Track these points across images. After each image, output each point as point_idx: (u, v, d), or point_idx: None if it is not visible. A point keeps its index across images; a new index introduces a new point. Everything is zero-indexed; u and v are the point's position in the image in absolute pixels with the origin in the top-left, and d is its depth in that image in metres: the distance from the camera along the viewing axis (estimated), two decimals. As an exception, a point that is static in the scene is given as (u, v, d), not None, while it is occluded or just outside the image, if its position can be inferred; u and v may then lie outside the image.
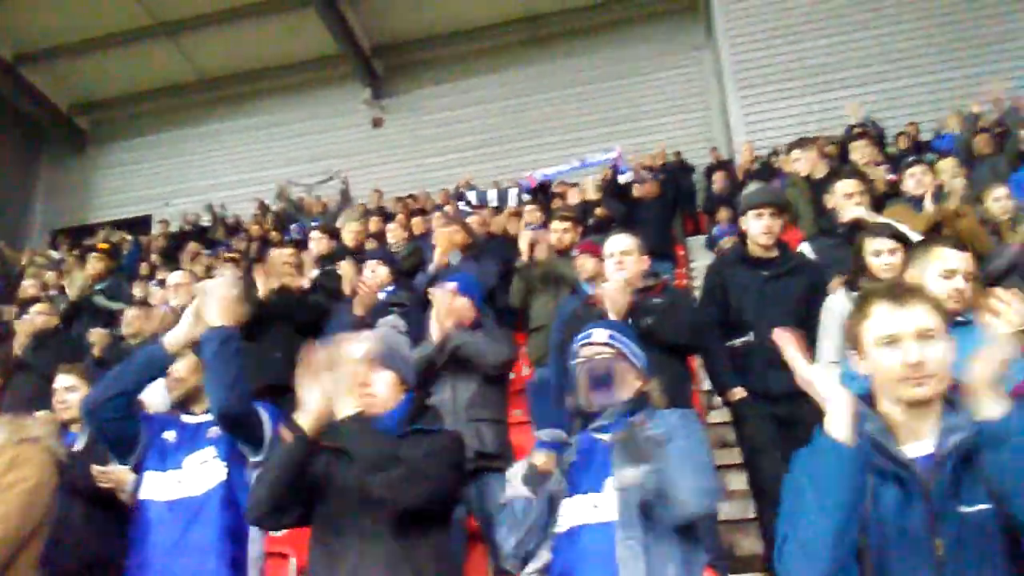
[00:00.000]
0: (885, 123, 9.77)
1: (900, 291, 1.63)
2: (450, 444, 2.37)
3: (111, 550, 3.06)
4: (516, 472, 2.17)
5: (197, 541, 2.43)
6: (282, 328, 5.11)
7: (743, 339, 3.62)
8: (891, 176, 5.97)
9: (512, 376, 4.88)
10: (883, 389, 1.61)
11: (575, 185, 8.64)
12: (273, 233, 10.09)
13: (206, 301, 2.59)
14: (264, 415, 2.63)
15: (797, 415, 3.29)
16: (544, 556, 2.13)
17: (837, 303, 3.31)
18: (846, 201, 4.18)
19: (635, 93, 12.94)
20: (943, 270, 2.59)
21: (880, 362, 1.60)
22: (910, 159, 6.12)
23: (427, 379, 3.43)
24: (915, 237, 3.46)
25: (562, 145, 12.21)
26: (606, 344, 2.29)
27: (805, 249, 4.28)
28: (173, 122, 14.78)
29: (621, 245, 3.62)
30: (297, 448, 2.23)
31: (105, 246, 8.71)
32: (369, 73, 13.92)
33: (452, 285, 3.82)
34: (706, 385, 4.28)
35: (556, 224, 5.25)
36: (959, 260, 2.61)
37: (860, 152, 5.95)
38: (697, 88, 12.87)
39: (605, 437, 2.12)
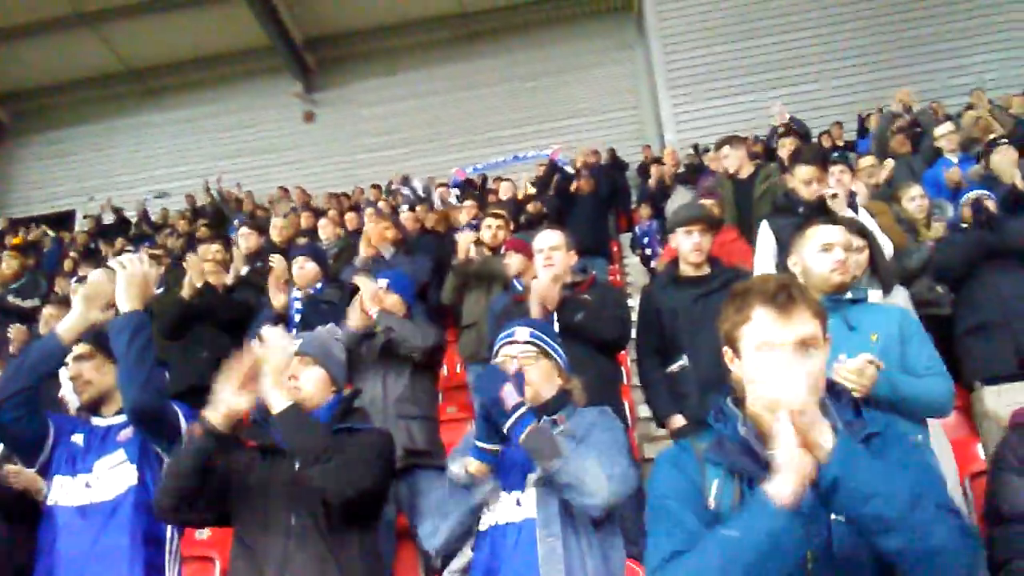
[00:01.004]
0: (810, 123, 10.02)
1: (783, 298, 1.52)
2: (379, 440, 2.36)
3: (22, 558, 2.97)
4: (451, 475, 2.14)
5: (109, 547, 2.35)
6: (208, 327, 5.01)
7: (679, 364, 3.47)
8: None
9: (444, 373, 4.89)
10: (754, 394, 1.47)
11: (507, 181, 8.63)
12: (202, 229, 9.83)
13: (117, 283, 2.46)
14: (179, 412, 2.55)
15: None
16: (466, 554, 2.12)
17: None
18: (805, 187, 4.22)
19: (569, 90, 13.02)
20: (821, 245, 2.64)
21: (756, 368, 1.49)
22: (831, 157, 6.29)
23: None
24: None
25: (497, 141, 12.24)
26: (528, 343, 2.29)
27: (763, 228, 4.22)
28: (98, 114, 14.31)
29: (550, 241, 3.62)
30: (203, 440, 2.17)
31: (18, 240, 8.39)
32: (301, 66, 13.70)
33: (383, 282, 3.78)
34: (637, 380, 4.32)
35: (489, 221, 5.24)
36: (835, 233, 2.67)
37: (787, 150, 6.07)
38: (630, 86, 13.01)
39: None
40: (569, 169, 8.58)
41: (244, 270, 6.15)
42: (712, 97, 11.47)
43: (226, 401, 2.18)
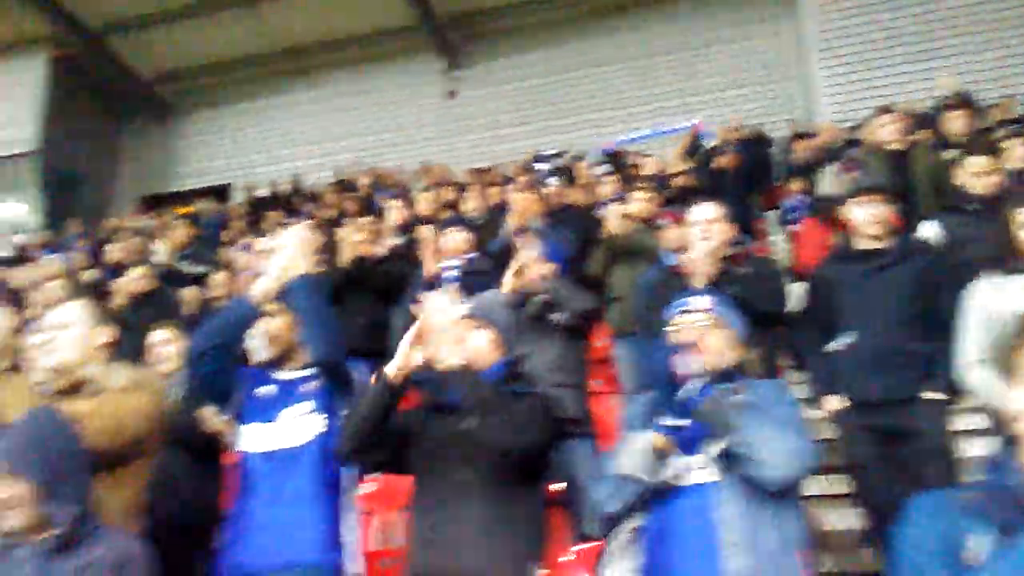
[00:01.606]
0: (978, 96, 9.38)
1: None
2: (545, 402, 2.43)
3: (209, 498, 3.23)
4: (636, 450, 2.16)
5: (295, 491, 2.52)
6: (363, 295, 5.26)
7: (845, 341, 3.36)
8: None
9: (593, 345, 4.90)
10: None
11: (651, 156, 8.53)
12: (349, 204, 10.21)
13: (289, 251, 2.66)
14: (357, 368, 2.72)
15: (901, 426, 3.21)
16: (637, 519, 2.15)
17: (980, 292, 3.03)
18: (975, 180, 3.99)
19: (708, 63, 12.65)
20: None
21: None
22: (1003, 131, 5.89)
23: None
24: None
25: (636, 117, 12.07)
26: (704, 312, 2.28)
27: (929, 229, 3.97)
28: (252, 93, 15.06)
29: (707, 213, 3.59)
30: (381, 390, 2.34)
31: (188, 209, 9.01)
32: (444, 44, 13.94)
33: (537, 250, 3.85)
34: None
35: (638, 194, 5.23)
36: None
37: (956, 123, 5.71)
38: (773, 57, 12.52)
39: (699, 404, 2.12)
40: (712, 143, 8.41)
41: (394, 241, 6.39)
42: (867, 67, 10.88)
43: (404, 356, 2.33)
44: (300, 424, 2.61)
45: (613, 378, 5.12)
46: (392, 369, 2.36)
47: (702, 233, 3.52)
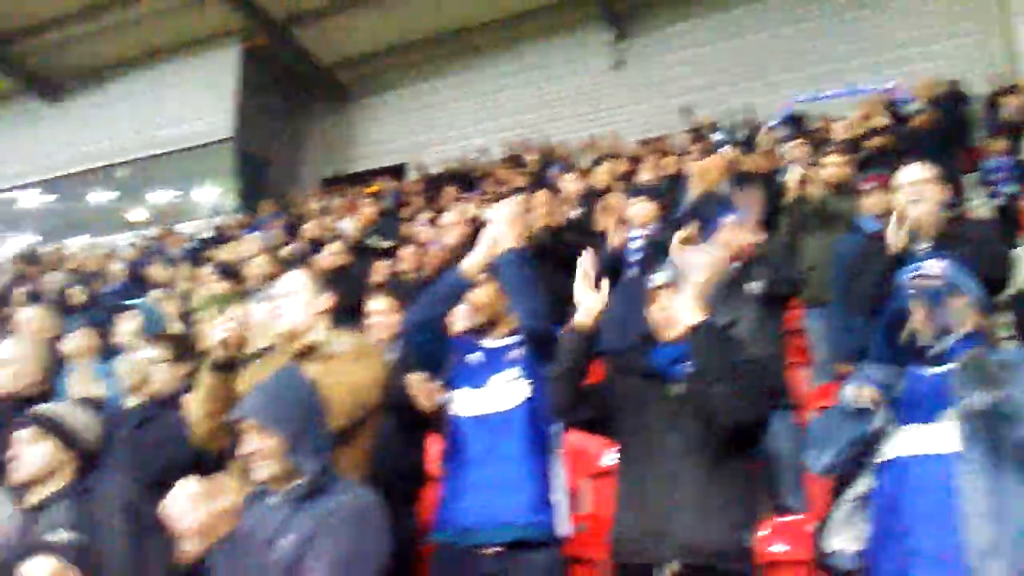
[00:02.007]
0: None
1: None
2: (767, 370, 2.39)
3: (415, 461, 3.40)
4: (845, 401, 2.11)
5: (505, 452, 2.60)
6: (543, 266, 5.33)
7: None
8: None
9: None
10: None
11: (839, 119, 8.11)
12: (521, 178, 10.36)
13: (498, 226, 2.74)
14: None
15: None
16: (864, 484, 2.08)
17: None
18: None
19: (900, 18, 11.83)
20: None
21: None
22: None
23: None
24: None
25: (820, 78, 11.47)
26: (939, 276, 2.17)
27: None
28: (424, 74, 15.51)
29: (917, 175, 3.38)
30: (575, 338, 2.44)
31: (376, 188, 9.46)
32: (611, 15, 13.79)
33: (732, 217, 3.78)
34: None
35: (831, 159, 4.99)
36: None
37: None
38: (972, 10, 11.55)
39: (939, 369, 2.01)
40: (908, 103, 7.91)
41: (572, 214, 6.44)
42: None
43: (587, 303, 2.44)
44: (508, 389, 2.69)
45: (803, 349, 4.96)
46: (579, 318, 2.45)
47: (913, 196, 3.32)
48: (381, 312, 3.56)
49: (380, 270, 6.24)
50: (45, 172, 16.69)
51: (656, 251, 4.42)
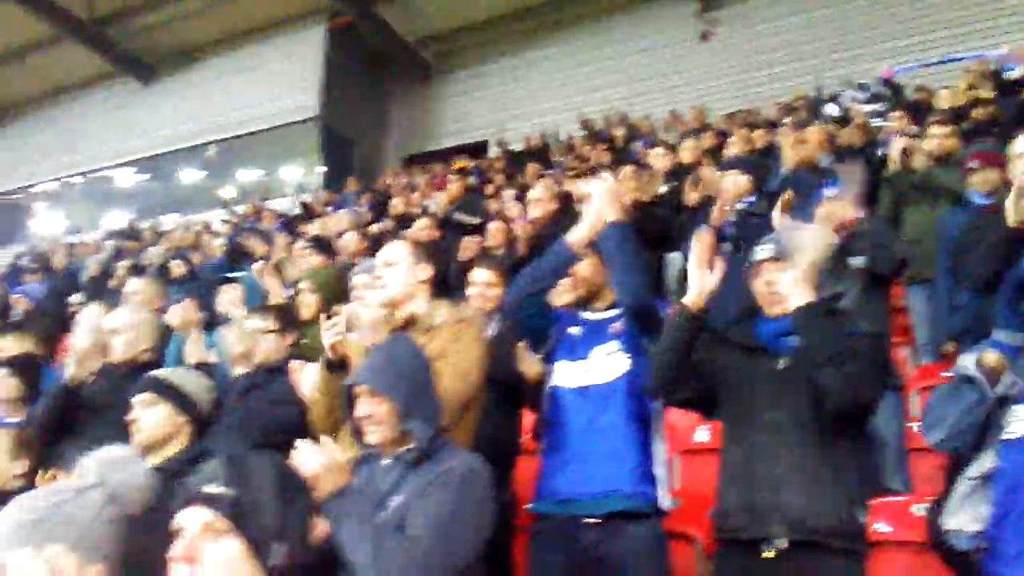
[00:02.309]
0: None
1: None
2: (879, 346, 2.33)
3: (513, 431, 3.43)
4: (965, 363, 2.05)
5: (606, 424, 2.61)
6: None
7: None
8: None
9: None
10: None
11: (941, 89, 7.78)
12: (604, 153, 10.28)
13: (600, 200, 2.73)
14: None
15: None
16: (986, 462, 2.01)
17: None
18: None
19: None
20: None
21: None
22: None
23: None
24: None
25: (917, 47, 11.02)
26: None
27: None
28: (505, 50, 15.50)
29: (1036, 144, 3.23)
30: (682, 321, 2.39)
31: (462, 164, 9.54)
32: (698, -15, 13.54)
33: (832, 191, 3.68)
34: None
35: (935, 130, 4.80)
36: None
37: None
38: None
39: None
40: (1012, 70, 7.52)
41: (661, 189, 6.36)
42: None
43: (700, 282, 2.41)
44: (609, 362, 2.69)
45: (903, 328, 4.81)
46: (691, 298, 2.41)
47: (1030, 167, 3.18)
48: (484, 283, 3.58)
49: (468, 246, 6.27)
50: (139, 151, 17.30)
51: (751, 225, 4.34)
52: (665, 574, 2.54)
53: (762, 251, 2.60)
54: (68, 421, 3.28)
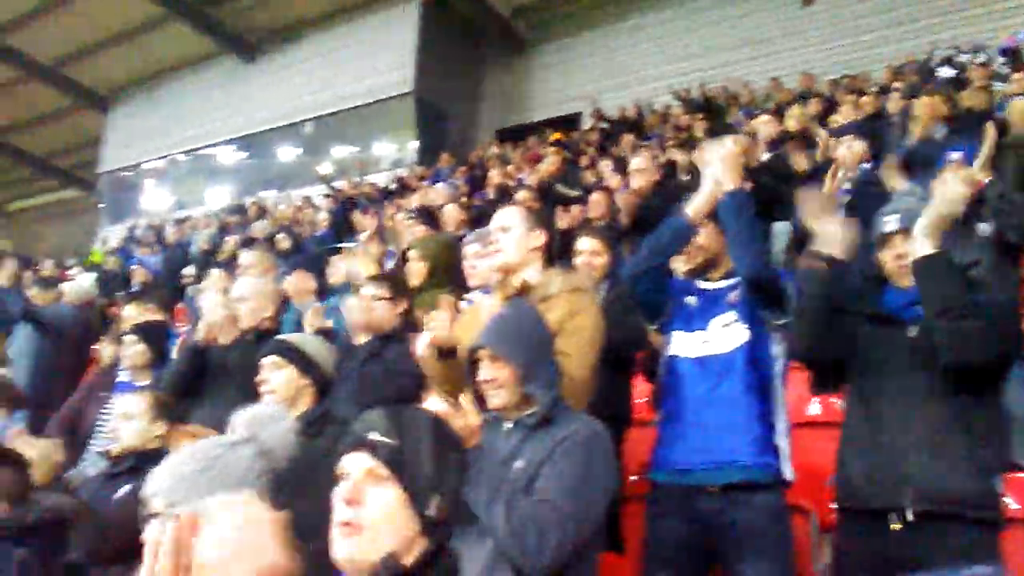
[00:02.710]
0: None
1: None
2: (1009, 306, 2.23)
3: (625, 399, 3.43)
4: None
5: (725, 394, 2.56)
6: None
7: None
8: None
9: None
10: None
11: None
12: (699, 123, 10.08)
13: (719, 167, 2.66)
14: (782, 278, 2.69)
15: None
16: None
17: None
18: None
19: None
20: None
21: None
22: None
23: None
24: None
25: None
26: None
27: None
28: (598, 21, 15.33)
29: None
30: (822, 272, 2.34)
31: (558, 136, 9.51)
32: (799, -53, 13.05)
33: (957, 155, 3.52)
34: None
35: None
36: None
37: None
38: None
39: None
40: None
41: (764, 156, 6.21)
42: None
43: (830, 232, 2.36)
44: (727, 333, 2.64)
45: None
46: (827, 247, 2.35)
47: None
48: (590, 251, 3.57)
49: (568, 217, 6.26)
50: (240, 129, 17.87)
51: (869, 193, 4.19)
52: (789, 545, 2.50)
53: (890, 222, 2.51)
54: (194, 384, 3.43)
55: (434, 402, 1.99)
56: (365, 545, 1.27)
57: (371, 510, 1.28)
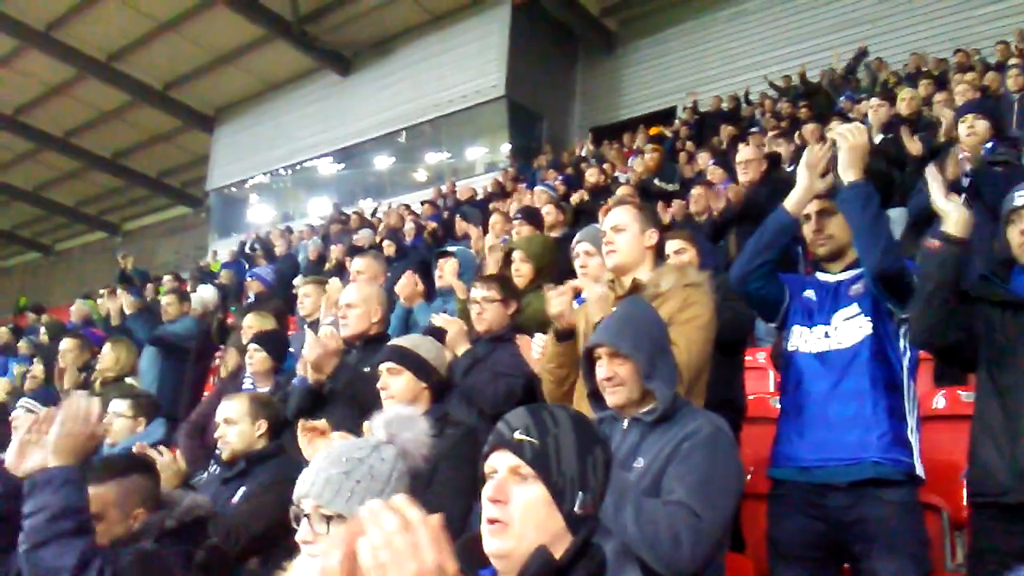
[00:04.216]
0: None
1: None
2: None
3: (735, 386, 3.38)
4: None
5: (850, 389, 2.48)
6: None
7: None
8: None
9: None
10: None
11: None
12: (803, 111, 9.81)
13: (844, 156, 2.57)
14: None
15: None
16: None
17: None
18: None
19: None
20: None
21: None
22: None
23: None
24: None
25: None
26: None
27: None
28: (691, 12, 15.12)
29: None
30: (945, 255, 2.25)
31: (656, 131, 9.44)
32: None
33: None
34: None
35: None
36: None
37: None
38: None
39: None
40: None
41: (877, 139, 6.03)
42: None
43: (954, 212, 2.30)
44: (850, 326, 2.56)
45: None
46: (950, 227, 2.29)
47: None
48: (674, 251, 3.55)
49: (668, 213, 6.20)
50: (337, 142, 18.38)
51: (993, 173, 4.00)
52: (923, 543, 2.40)
53: (1021, 197, 2.39)
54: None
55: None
56: (512, 541, 1.30)
57: (516, 507, 1.31)
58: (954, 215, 2.29)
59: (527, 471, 1.33)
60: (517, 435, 1.34)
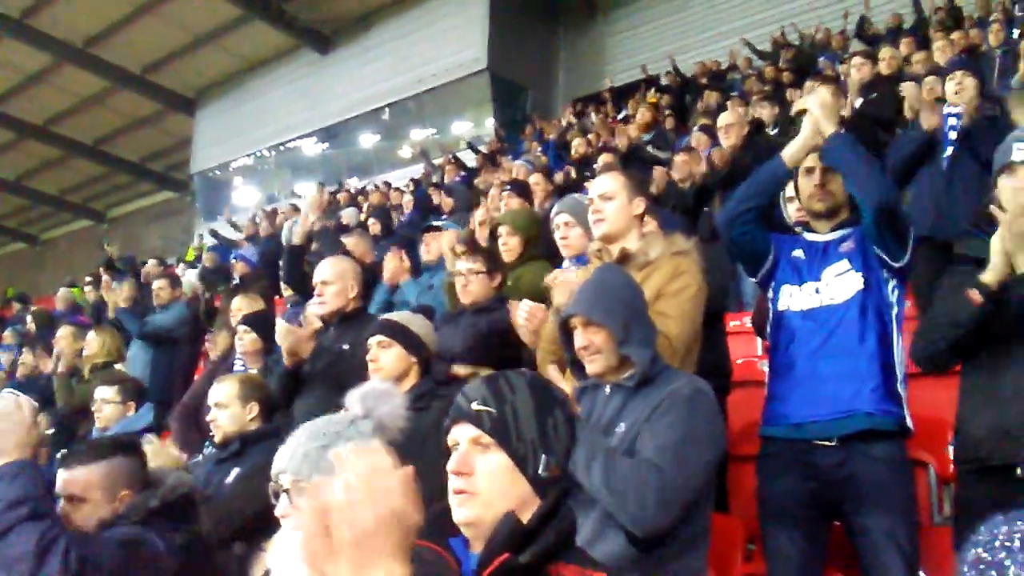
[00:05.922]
0: None
1: None
2: None
3: (724, 356, 3.39)
4: None
5: (843, 344, 2.49)
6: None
7: None
8: None
9: None
10: None
11: None
12: (785, 74, 9.76)
13: (817, 113, 2.58)
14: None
15: None
16: None
17: None
18: None
19: None
20: None
21: None
22: None
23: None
24: None
25: None
26: None
27: None
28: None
29: None
30: (981, 309, 2.17)
31: (654, 100, 9.41)
32: None
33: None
34: None
35: None
36: None
37: None
38: None
39: None
40: None
41: (857, 102, 6.01)
42: None
43: (1002, 263, 2.19)
44: (841, 282, 2.55)
45: None
46: (992, 277, 2.18)
47: None
48: None
49: (658, 174, 6.17)
50: (320, 121, 18.22)
51: (982, 128, 4.01)
52: (912, 498, 2.41)
53: (1018, 152, 2.38)
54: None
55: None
56: (479, 509, 1.31)
57: (480, 477, 1.33)
58: (1000, 258, 2.20)
59: (487, 440, 1.34)
60: (475, 406, 1.36)
